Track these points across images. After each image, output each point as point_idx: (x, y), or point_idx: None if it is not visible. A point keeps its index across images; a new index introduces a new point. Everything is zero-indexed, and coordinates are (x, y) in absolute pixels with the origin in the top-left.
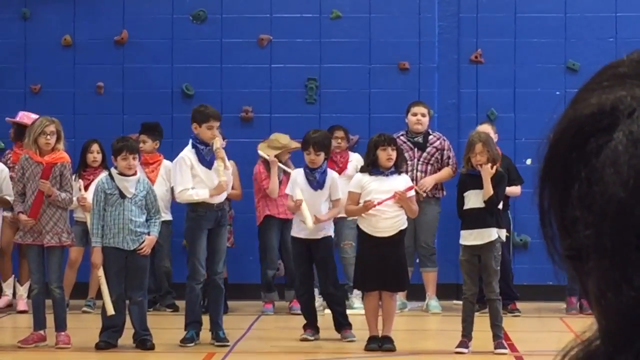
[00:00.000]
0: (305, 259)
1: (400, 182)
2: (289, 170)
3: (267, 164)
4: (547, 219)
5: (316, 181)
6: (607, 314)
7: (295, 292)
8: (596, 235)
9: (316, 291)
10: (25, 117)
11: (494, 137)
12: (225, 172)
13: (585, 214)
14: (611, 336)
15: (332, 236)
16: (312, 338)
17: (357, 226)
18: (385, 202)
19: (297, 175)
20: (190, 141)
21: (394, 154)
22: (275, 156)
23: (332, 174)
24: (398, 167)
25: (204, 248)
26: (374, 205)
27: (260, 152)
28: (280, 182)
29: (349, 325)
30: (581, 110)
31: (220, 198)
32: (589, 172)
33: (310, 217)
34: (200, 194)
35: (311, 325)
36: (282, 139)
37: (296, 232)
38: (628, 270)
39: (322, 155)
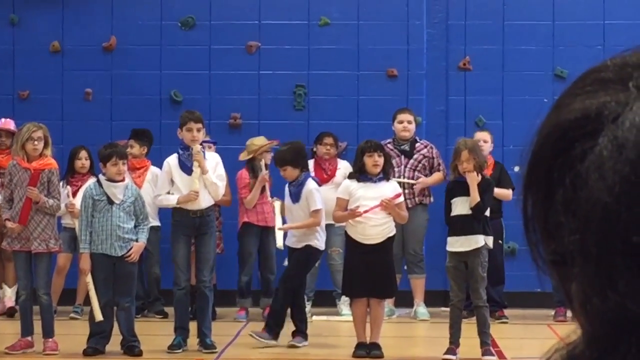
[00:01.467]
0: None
1: (389, 188)
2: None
3: (252, 172)
4: (531, 224)
5: (293, 194)
6: (592, 319)
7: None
8: (581, 240)
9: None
10: (7, 123)
11: (490, 145)
12: (206, 177)
13: (570, 220)
14: (596, 341)
15: (318, 248)
16: (301, 345)
17: (345, 233)
18: (372, 210)
19: (286, 189)
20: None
21: (380, 160)
22: (259, 158)
23: (308, 185)
24: (386, 174)
25: (183, 254)
26: (360, 214)
27: (262, 164)
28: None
29: (267, 327)
30: (565, 115)
31: (197, 205)
32: (574, 177)
33: (279, 223)
34: (171, 200)
35: (301, 332)
36: (257, 140)
37: (287, 240)
38: (614, 275)
39: (289, 169)
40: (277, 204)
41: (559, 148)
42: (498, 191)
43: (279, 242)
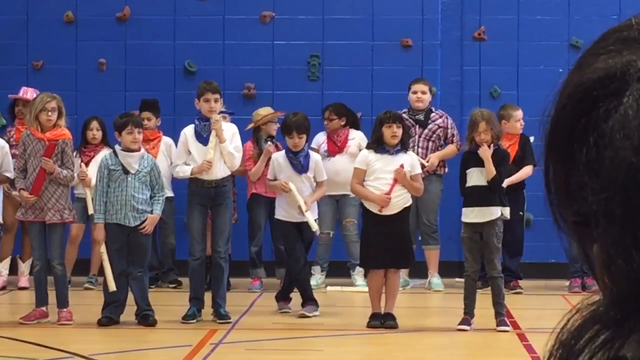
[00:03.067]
0: (296, 237)
1: (406, 160)
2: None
3: (256, 143)
4: (553, 185)
5: (300, 165)
6: (616, 280)
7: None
8: (606, 201)
9: (318, 268)
10: (28, 92)
11: (521, 122)
12: (223, 147)
13: (594, 180)
14: (619, 302)
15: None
16: (312, 315)
17: (362, 204)
18: (394, 187)
19: (279, 159)
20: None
21: (399, 131)
22: (265, 128)
23: (314, 156)
24: (404, 145)
25: (198, 224)
26: (389, 199)
27: (269, 143)
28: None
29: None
30: (588, 75)
31: (212, 176)
32: (598, 137)
33: (303, 206)
34: (185, 170)
35: (311, 299)
36: (262, 111)
37: (282, 215)
38: (639, 236)
39: (305, 138)
40: (292, 186)
41: (582, 108)
42: (517, 175)
43: (316, 227)
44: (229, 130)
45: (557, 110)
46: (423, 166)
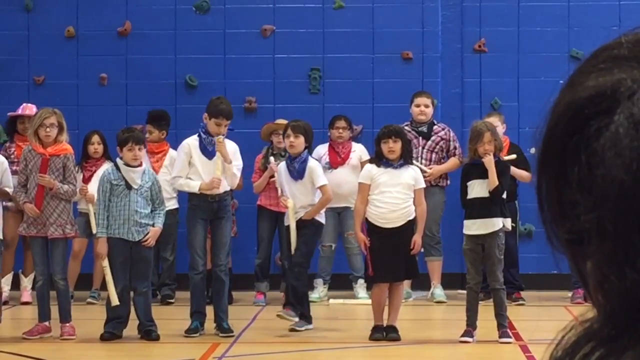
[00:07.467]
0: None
1: (410, 174)
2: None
3: (267, 156)
4: (546, 203)
5: (296, 171)
6: (610, 297)
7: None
8: (598, 219)
9: (320, 281)
10: (27, 109)
11: (502, 127)
12: (228, 167)
13: (586, 198)
14: (613, 319)
15: (322, 222)
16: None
17: (365, 218)
18: None
19: (281, 165)
20: (199, 129)
21: (395, 146)
22: (275, 143)
23: (311, 162)
24: (406, 159)
25: (200, 238)
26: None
27: (272, 159)
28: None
29: (292, 307)
30: (579, 93)
31: (215, 190)
32: (589, 155)
33: (294, 226)
34: (191, 185)
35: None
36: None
37: (286, 221)
38: (631, 253)
39: (301, 139)
40: (290, 202)
41: (573, 126)
42: (518, 172)
43: (295, 246)
44: (231, 147)
45: (549, 129)
46: (424, 172)
